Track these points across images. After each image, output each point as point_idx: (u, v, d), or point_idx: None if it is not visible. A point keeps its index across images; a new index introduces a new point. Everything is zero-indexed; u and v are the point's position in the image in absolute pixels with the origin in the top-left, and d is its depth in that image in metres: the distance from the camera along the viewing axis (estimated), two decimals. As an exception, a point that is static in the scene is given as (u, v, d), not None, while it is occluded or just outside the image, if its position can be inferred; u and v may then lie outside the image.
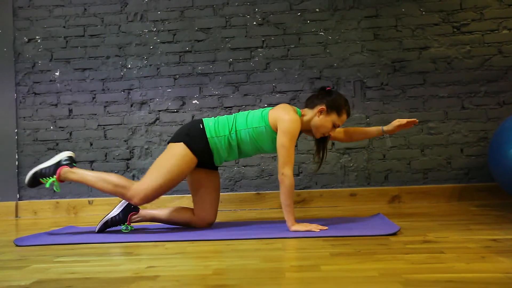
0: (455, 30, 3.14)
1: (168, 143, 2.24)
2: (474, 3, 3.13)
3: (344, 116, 2.17)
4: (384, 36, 3.18)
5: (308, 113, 2.19)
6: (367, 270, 1.27)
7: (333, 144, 3.16)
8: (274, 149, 2.19)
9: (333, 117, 2.15)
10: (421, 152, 3.12)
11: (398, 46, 3.16)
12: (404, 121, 2.28)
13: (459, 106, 3.11)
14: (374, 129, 2.38)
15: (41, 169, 2.16)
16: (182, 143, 2.16)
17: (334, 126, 2.17)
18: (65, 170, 2.15)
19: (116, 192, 2.13)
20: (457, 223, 2.08)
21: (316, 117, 2.16)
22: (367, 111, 3.16)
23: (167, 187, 2.13)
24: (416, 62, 3.15)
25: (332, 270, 1.28)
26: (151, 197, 2.12)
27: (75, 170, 2.16)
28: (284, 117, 2.07)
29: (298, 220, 2.18)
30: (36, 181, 2.17)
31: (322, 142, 2.29)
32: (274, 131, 2.13)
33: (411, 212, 2.60)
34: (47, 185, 2.14)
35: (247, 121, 2.17)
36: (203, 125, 2.19)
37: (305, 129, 2.24)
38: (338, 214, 2.65)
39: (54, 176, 2.14)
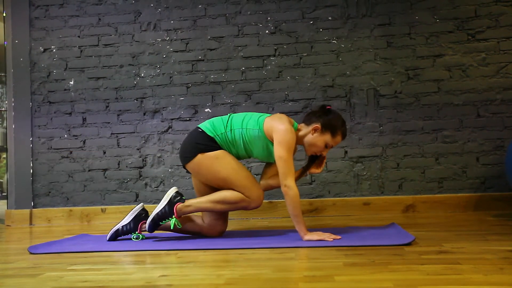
0: (470, 37, 3.11)
1: (184, 165, 2.24)
2: (489, 10, 3.10)
3: (338, 138, 2.15)
4: (398, 44, 3.16)
5: (303, 129, 2.17)
6: (382, 280, 1.25)
7: (346, 152, 3.14)
8: (263, 156, 2.19)
9: (327, 137, 2.12)
10: (436, 160, 3.08)
11: (412, 54, 3.14)
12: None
13: (474, 114, 3.07)
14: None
15: (157, 213, 2.18)
16: (198, 154, 2.16)
17: (327, 146, 2.15)
18: (180, 207, 2.17)
19: (237, 208, 2.16)
20: (474, 234, 2.04)
21: (310, 134, 2.14)
22: (380, 120, 3.13)
23: (251, 176, 2.17)
24: (430, 70, 3.12)
25: (346, 281, 1.27)
26: (260, 191, 2.15)
27: (188, 203, 2.19)
28: (279, 127, 2.07)
29: (311, 229, 2.16)
30: (156, 225, 2.20)
31: (313, 160, 2.26)
32: (267, 138, 2.13)
33: (426, 221, 2.56)
34: (172, 227, 2.17)
35: (242, 122, 2.18)
36: (201, 129, 2.21)
37: (299, 144, 2.23)
38: (351, 224, 2.62)
39: (174, 217, 2.16)
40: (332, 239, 1.94)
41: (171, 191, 2.21)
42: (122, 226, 2.26)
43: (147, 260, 1.73)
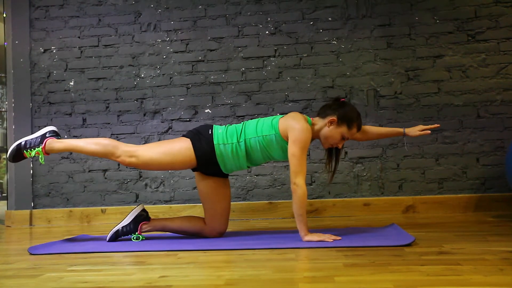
0: (470, 38, 3.11)
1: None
2: (489, 11, 3.10)
3: (354, 130, 2.16)
4: (397, 44, 3.16)
5: (319, 123, 2.18)
6: (382, 281, 1.25)
7: (346, 153, 3.14)
8: (284, 157, 2.17)
9: (343, 129, 2.13)
10: (436, 161, 3.08)
11: (412, 55, 3.14)
12: (427, 128, 2.30)
13: (474, 114, 3.07)
14: (393, 130, 2.37)
15: (26, 141, 2.15)
16: (189, 139, 2.18)
17: (343, 138, 2.16)
18: (51, 141, 2.15)
19: (106, 152, 2.13)
20: (474, 234, 2.04)
21: (326, 127, 2.15)
22: (380, 120, 3.13)
23: (156, 165, 2.15)
24: (430, 70, 3.12)
25: (346, 282, 1.27)
26: (138, 164, 2.14)
27: (61, 140, 2.17)
28: (294, 126, 2.06)
29: (311, 230, 2.16)
30: (19, 154, 2.15)
31: (334, 152, 2.27)
32: (284, 140, 2.11)
33: (426, 222, 2.56)
34: (32, 155, 2.11)
35: (256, 129, 2.15)
36: (211, 131, 2.19)
37: (315, 138, 2.23)
38: (351, 224, 2.62)
39: (40, 146, 2.13)
40: (332, 240, 1.94)
41: (49, 128, 2.21)
42: (122, 227, 2.26)
43: (147, 261, 1.73)
